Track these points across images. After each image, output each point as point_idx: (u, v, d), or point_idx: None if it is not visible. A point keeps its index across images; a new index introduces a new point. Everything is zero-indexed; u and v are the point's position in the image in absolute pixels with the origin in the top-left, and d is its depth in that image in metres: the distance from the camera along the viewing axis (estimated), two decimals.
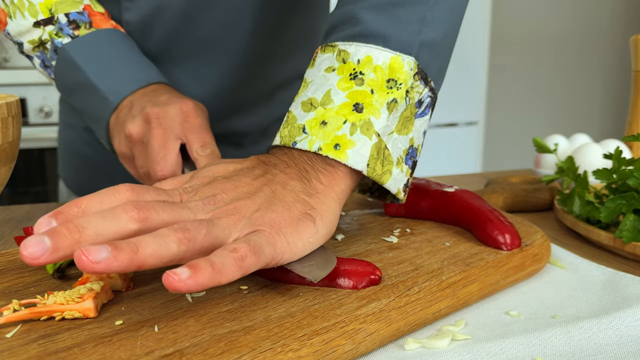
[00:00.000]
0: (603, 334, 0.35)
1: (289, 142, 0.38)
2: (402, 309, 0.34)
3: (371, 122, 0.38)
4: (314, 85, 0.39)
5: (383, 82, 0.38)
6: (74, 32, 0.55)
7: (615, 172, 0.52)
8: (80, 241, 0.27)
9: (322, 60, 0.40)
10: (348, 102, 0.38)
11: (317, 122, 0.38)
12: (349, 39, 0.39)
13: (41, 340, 0.29)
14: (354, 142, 0.37)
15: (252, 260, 0.30)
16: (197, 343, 0.28)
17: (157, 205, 0.31)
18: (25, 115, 1.70)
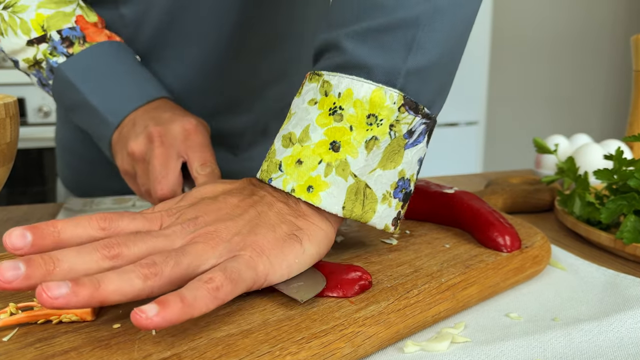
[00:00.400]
0: (604, 336, 0.35)
1: (265, 178, 0.37)
2: (401, 311, 0.34)
3: (347, 163, 0.36)
4: (295, 117, 0.38)
5: (363, 118, 0.35)
6: (68, 50, 0.54)
7: (616, 173, 0.52)
8: (53, 273, 0.28)
9: (307, 90, 0.38)
10: (325, 139, 0.36)
11: (293, 160, 0.36)
12: (334, 69, 0.37)
13: (38, 344, 0.28)
14: (328, 183, 0.35)
15: (228, 289, 0.29)
16: (195, 347, 0.28)
17: (129, 241, 0.31)
18: (24, 115, 1.70)
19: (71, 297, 0.26)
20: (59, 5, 0.55)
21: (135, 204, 0.66)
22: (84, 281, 0.27)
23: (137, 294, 0.28)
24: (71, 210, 0.64)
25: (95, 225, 0.32)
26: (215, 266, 0.31)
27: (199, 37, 0.64)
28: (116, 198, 0.69)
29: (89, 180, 0.77)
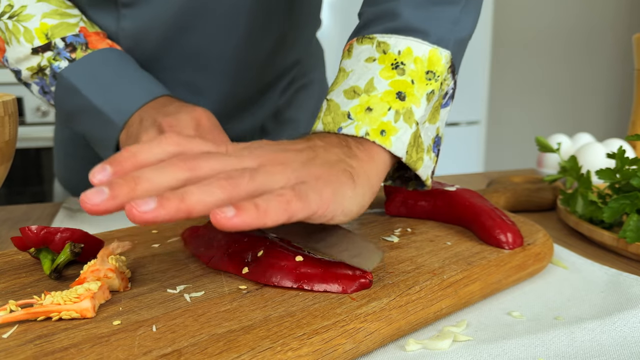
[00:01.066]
0: (606, 335, 0.35)
1: (333, 129, 0.40)
2: (403, 308, 0.34)
3: (412, 111, 0.40)
4: (355, 74, 0.41)
5: (422, 73, 0.41)
6: (71, 55, 0.55)
7: (619, 172, 0.52)
8: (136, 190, 0.29)
9: (360, 51, 0.42)
10: (391, 90, 0.40)
11: (362, 108, 0.40)
12: (389, 31, 0.42)
13: (38, 341, 0.29)
14: (397, 129, 0.40)
15: (298, 206, 0.31)
16: (196, 343, 0.28)
17: (204, 157, 0.32)
18: (22, 114, 1.70)
19: (159, 210, 0.27)
20: (63, 17, 0.56)
21: None
22: (169, 195, 0.28)
23: (218, 205, 0.29)
24: (70, 210, 0.64)
25: (170, 141, 0.33)
26: None
27: (204, 50, 0.65)
28: None
29: (86, 180, 0.77)
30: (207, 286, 0.35)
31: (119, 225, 0.56)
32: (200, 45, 0.65)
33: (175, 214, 0.28)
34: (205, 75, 0.67)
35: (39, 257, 0.38)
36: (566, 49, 2.75)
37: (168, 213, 0.28)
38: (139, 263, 0.39)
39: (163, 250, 0.42)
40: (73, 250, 0.37)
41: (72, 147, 0.77)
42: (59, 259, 0.36)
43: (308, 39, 0.77)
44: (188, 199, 0.28)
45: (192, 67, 0.66)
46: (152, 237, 0.45)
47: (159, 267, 0.38)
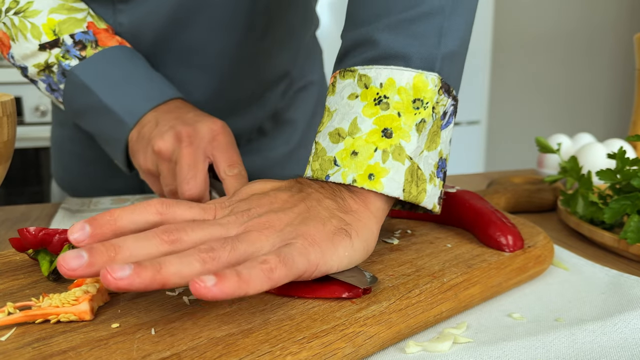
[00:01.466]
0: (607, 337, 0.35)
1: (321, 176, 0.38)
2: (403, 311, 0.34)
3: (402, 147, 0.38)
4: (338, 114, 0.39)
5: (409, 103, 0.38)
6: (81, 52, 0.55)
7: (619, 173, 0.52)
8: (115, 259, 0.29)
9: (342, 87, 0.40)
10: (376, 128, 0.38)
11: (348, 152, 0.38)
12: (368, 62, 0.39)
13: (36, 344, 0.28)
14: (387, 169, 0.37)
15: (282, 272, 0.30)
16: (195, 346, 0.28)
17: (187, 227, 0.32)
18: (21, 114, 1.70)
19: (134, 278, 0.27)
20: (70, 12, 0.56)
21: None
22: (146, 264, 0.28)
23: (196, 276, 0.29)
24: (69, 210, 0.64)
25: (153, 210, 0.33)
26: None
27: (201, 46, 0.65)
28: (114, 198, 0.69)
29: (83, 180, 0.77)
30: None
31: None
32: (196, 41, 0.65)
33: (149, 283, 0.28)
34: (200, 72, 0.67)
35: (37, 258, 0.38)
36: (566, 48, 2.75)
37: (143, 282, 0.27)
38: None
39: None
40: None
41: (70, 147, 0.77)
42: (57, 260, 0.36)
43: (305, 39, 0.77)
44: (165, 270, 0.28)
45: (188, 63, 0.66)
46: None
47: None
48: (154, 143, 0.50)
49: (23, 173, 1.76)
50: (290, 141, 0.79)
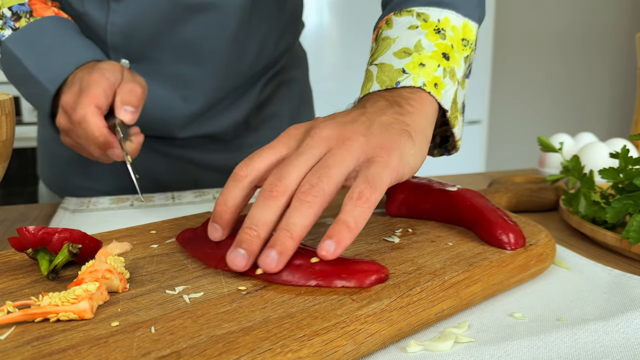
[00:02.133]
0: (609, 337, 0.35)
1: (390, 84, 0.45)
2: (404, 309, 0.34)
3: (455, 70, 0.47)
4: (402, 39, 0.48)
5: (459, 39, 0.49)
6: (15, 23, 0.57)
7: (622, 172, 0.52)
8: (260, 236, 0.35)
9: (400, 22, 0.49)
10: (437, 50, 0.47)
11: (416, 64, 0.45)
12: (426, 4, 0.49)
13: (35, 342, 0.29)
14: (445, 84, 0.46)
15: (376, 195, 0.35)
16: (195, 344, 0.28)
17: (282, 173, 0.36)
18: (19, 114, 1.70)
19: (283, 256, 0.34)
20: None
21: (134, 204, 0.67)
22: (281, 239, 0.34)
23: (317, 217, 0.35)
24: (68, 210, 0.64)
25: (239, 177, 0.38)
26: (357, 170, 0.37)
27: (194, 44, 0.66)
28: (113, 198, 0.69)
29: (71, 181, 0.77)
30: (206, 287, 0.35)
31: (117, 226, 0.56)
32: (191, 39, 0.66)
33: (294, 248, 0.34)
34: (195, 69, 0.68)
35: (37, 257, 0.38)
36: (568, 47, 2.75)
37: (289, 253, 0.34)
38: (137, 264, 0.39)
39: (162, 251, 0.42)
40: (71, 250, 0.37)
41: (56, 148, 0.77)
42: (56, 259, 0.36)
43: (291, 39, 0.79)
44: (294, 231, 0.34)
45: (182, 60, 0.67)
46: (150, 237, 0.45)
47: (157, 268, 0.38)
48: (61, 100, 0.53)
49: (22, 173, 1.76)
50: (277, 134, 0.80)
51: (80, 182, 0.77)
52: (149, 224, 0.48)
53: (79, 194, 0.76)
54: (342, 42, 1.91)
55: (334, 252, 0.34)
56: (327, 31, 1.89)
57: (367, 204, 0.35)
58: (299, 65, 0.84)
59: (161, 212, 0.63)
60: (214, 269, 0.38)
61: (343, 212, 0.35)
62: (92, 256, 0.38)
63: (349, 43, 1.91)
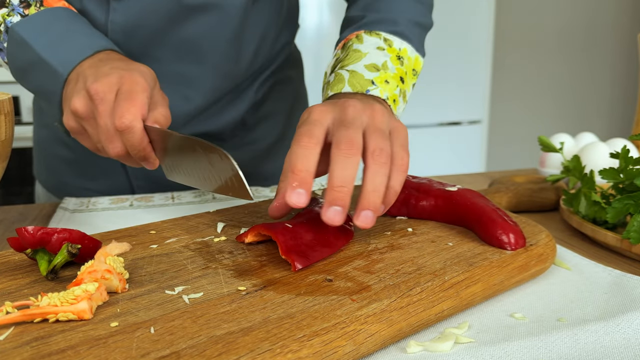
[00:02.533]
0: (610, 337, 0.35)
1: (361, 90, 0.54)
2: (404, 309, 0.34)
3: (406, 93, 0.58)
4: (371, 55, 0.57)
5: (411, 69, 0.60)
6: (25, 11, 0.56)
7: (622, 172, 0.52)
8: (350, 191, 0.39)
9: (370, 40, 0.58)
10: (397, 73, 0.57)
11: (382, 79, 0.55)
12: (391, 32, 0.60)
13: (34, 343, 0.29)
14: (399, 102, 0.57)
15: (407, 159, 0.43)
16: (194, 345, 0.28)
17: (351, 135, 0.41)
18: (18, 113, 1.70)
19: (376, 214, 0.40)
20: None
21: (133, 204, 0.67)
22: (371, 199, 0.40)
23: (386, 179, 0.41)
24: (67, 210, 0.64)
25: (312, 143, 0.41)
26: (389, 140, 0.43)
27: (195, 44, 0.67)
28: (113, 198, 0.70)
29: (68, 182, 0.77)
30: (206, 287, 0.35)
31: (116, 226, 0.56)
32: (192, 38, 0.66)
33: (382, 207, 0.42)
34: (195, 68, 0.68)
35: (36, 258, 0.38)
36: (569, 47, 2.75)
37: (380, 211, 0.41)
38: (137, 264, 0.39)
39: (161, 251, 0.42)
40: (70, 251, 0.37)
41: (53, 148, 0.77)
42: (55, 259, 0.36)
43: (288, 38, 0.80)
44: (381, 191, 0.40)
45: (183, 59, 0.67)
46: (150, 237, 0.45)
47: (157, 268, 0.38)
48: (71, 103, 0.51)
49: (21, 173, 1.76)
50: (272, 133, 0.82)
51: (77, 183, 0.77)
52: (148, 224, 0.48)
53: (76, 194, 0.76)
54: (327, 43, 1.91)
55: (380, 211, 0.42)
56: (326, 30, 1.89)
57: (406, 167, 0.43)
58: (294, 65, 0.85)
59: (160, 212, 0.63)
60: (214, 269, 0.38)
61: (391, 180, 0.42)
62: (92, 256, 0.38)
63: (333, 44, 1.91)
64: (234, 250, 0.42)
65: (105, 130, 0.49)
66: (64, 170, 0.77)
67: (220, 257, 0.41)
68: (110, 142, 0.50)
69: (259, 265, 0.39)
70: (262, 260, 0.40)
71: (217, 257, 0.40)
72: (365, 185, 0.41)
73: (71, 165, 0.76)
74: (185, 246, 0.43)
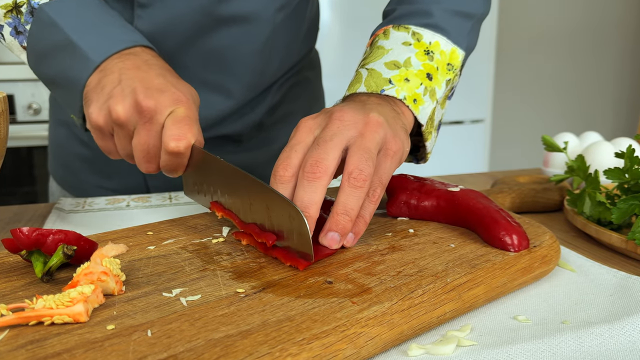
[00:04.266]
0: (615, 340, 0.35)
1: (376, 90, 0.52)
2: (405, 312, 0.34)
3: (435, 91, 0.54)
4: (394, 52, 0.54)
5: (445, 64, 0.55)
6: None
7: (628, 172, 0.52)
8: (353, 219, 0.41)
9: (396, 36, 0.56)
10: (423, 70, 0.54)
11: (402, 78, 0.52)
12: (422, 25, 0.56)
13: (29, 346, 0.29)
14: (424, 101, 0.53)
15: (379, 191, 0.43)
16: (192, 348, 0.28)
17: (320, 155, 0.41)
18: (13, 112, 1.70)
19: (357, 236, 0.42)
20: None
21: (130, 204, 0.67)
22: (337, 219, 0.40)
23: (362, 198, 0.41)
24: (62, 211, 0.64)
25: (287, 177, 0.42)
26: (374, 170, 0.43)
27: (223, 53, 0.67)
28: (109, 198, 0.70)
29: (84, 179, 0.78)
30: (204, 290, 0.35)
31: (113, 227, 0.56)
32: (220, 48, 0.67)
33: (362, 231, 0.43)
34: (221, 77, 0.69)
35: (31, 259, 0.38)
36: (572, 45, 2.75)
37: (360, 234, 0.43)
38: (133, 266, 0.39)
39: (158, 253, 0.42)
40: (66, 252, 0.37)
41: (69, 145, 0.77)
42: (51, 261, 0.36)
43: (311, 45, 0.82)
44: (362, 215, 0.42)
45: (209, 68, 0.68)
46: (147, 239, 0.45)
47: (154, 270, 0.38)
48: (112, 104, 0.48)
49: (16, 173, 1.76)
50: (289, 134, 0.80)
51: (93, 181, 0.77)
52: (145, 225, 0.48)
53: (92, 192, 0.77)
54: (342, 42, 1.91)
55: (351, 241, 0.43)
56: (326, 30, 1.89)
57: (375, 200, 0.43)
58: (312, 66, 0.86)
59: (158, 213, 0.63)
60: (212, 271, 0.38)
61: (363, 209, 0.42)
62: (88, 258, 0.38)
63: (348, 42, 1.91)
64: (232, 252, 0.42)
65: (145, 149, 0.48)
66: (79, 167, 0.77)
67: (219, 259, 0.41)
68: (147, 162, 0.49)
69: (258, 267, 0.39)
70: (261, 262, 0.40)
71: (215, 259, 0.41)
72: (335, 206, 0.40)
73: (87, 163, 0.76)
74: (183, 247, 0.43)
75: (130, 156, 0.51)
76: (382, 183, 0.43)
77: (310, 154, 0.41)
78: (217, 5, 0.64)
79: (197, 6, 0.63)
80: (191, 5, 0.63)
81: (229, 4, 0.64)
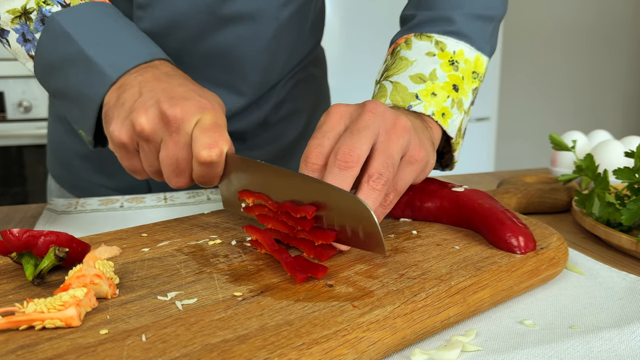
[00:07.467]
0: (625, 345, 0.35)
1: (403, 105, 0.53)
2: (408, 316, 0.34)
3: (462, 102, 0.55)
4: (418, 64, 0.55)
5: (470, 72, 0.56)
6: (66, 0, 0.52)
7: (638, 171, 0.52)
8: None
9: (419, 45, 0.56)
10: (449, 82, 0.54)
11: (428, 92, 0.53)
12: (445, 33, 0.56)
13: (20, 351, 0.29)
14: (452, 114, 0.54)
15: (392, 200, 0.44)
16: (188, 353, 0.28)
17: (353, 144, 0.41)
18: (3, 110, 1.70)
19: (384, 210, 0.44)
20: None
21: (123, 205, 0.67)
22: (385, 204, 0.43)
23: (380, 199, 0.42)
24: (54, 211, 0.64)
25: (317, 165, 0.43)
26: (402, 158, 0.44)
27: (228, 52, 0.68)
28: (102, 199, 0.70)
29: (84, 177, 0.78)
30: (200, 293, 0.35)
31: (106, 229, 0.56)
32: (225, 47, 0.67)
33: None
34: (226, 76, 0.69)
35: (21, 262, 0.38)
36: (580, 42, 2.76)
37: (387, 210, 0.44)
38: (127, 268, 0.39)
39: (153, 255, 0.42)
40: (57, 254, 0.37)
41: (69, 143, 0.77)
42: (42, 264, 0.37)
43: (316, 42, 0.82)
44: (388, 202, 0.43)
45: (215, 67, 0.69)
46: (141, 240, 0.45)
47: (148, 273, 0.39)
48: (135, 117, 0.46)
49: (6, 173, 1.76)
50: (294, 131, 0.82)
51: (93, 179, 0.77)
52: (139, 227, 0.48)
53: (92, 191, 0.77)
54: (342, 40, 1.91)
55: None
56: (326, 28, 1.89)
57: (387, 205, 0.44)
58: (318, 64, 0.86)
59: (152, 214, 0.63)
60: (208, 274, 0.38)
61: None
62: (80, 260, 0.38)
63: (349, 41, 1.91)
64: (229, 254, 0.42)
65: (174, 162, 0.46)
66: (79, 165, 0.78)
67: (215, 261, 0.41)
68: (177, 175, 0.47)
69: (256, 269, 0.39)
70: (259, 264, 0.40)
71: (211, 261, 0.41)
72: None
73: (87, 161, 0.76)
74: (179, 249, 0.43)
75: (157, 173, 0.49)
76: (397, 190, 0.44)
77: (344, 141, 0.41)
78: (221, 4, 0.64)
79: (201, 5, 0.63)
80: (194, 4, 0.63)
81: (233, 2, 0.64)
